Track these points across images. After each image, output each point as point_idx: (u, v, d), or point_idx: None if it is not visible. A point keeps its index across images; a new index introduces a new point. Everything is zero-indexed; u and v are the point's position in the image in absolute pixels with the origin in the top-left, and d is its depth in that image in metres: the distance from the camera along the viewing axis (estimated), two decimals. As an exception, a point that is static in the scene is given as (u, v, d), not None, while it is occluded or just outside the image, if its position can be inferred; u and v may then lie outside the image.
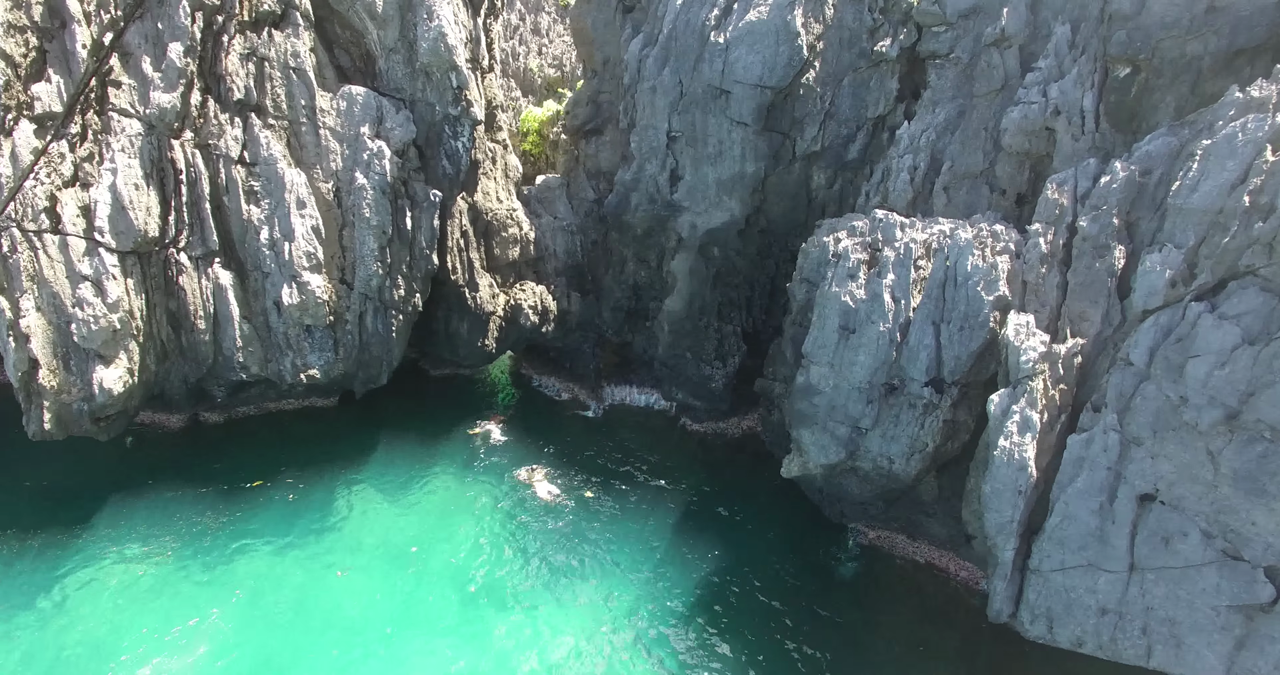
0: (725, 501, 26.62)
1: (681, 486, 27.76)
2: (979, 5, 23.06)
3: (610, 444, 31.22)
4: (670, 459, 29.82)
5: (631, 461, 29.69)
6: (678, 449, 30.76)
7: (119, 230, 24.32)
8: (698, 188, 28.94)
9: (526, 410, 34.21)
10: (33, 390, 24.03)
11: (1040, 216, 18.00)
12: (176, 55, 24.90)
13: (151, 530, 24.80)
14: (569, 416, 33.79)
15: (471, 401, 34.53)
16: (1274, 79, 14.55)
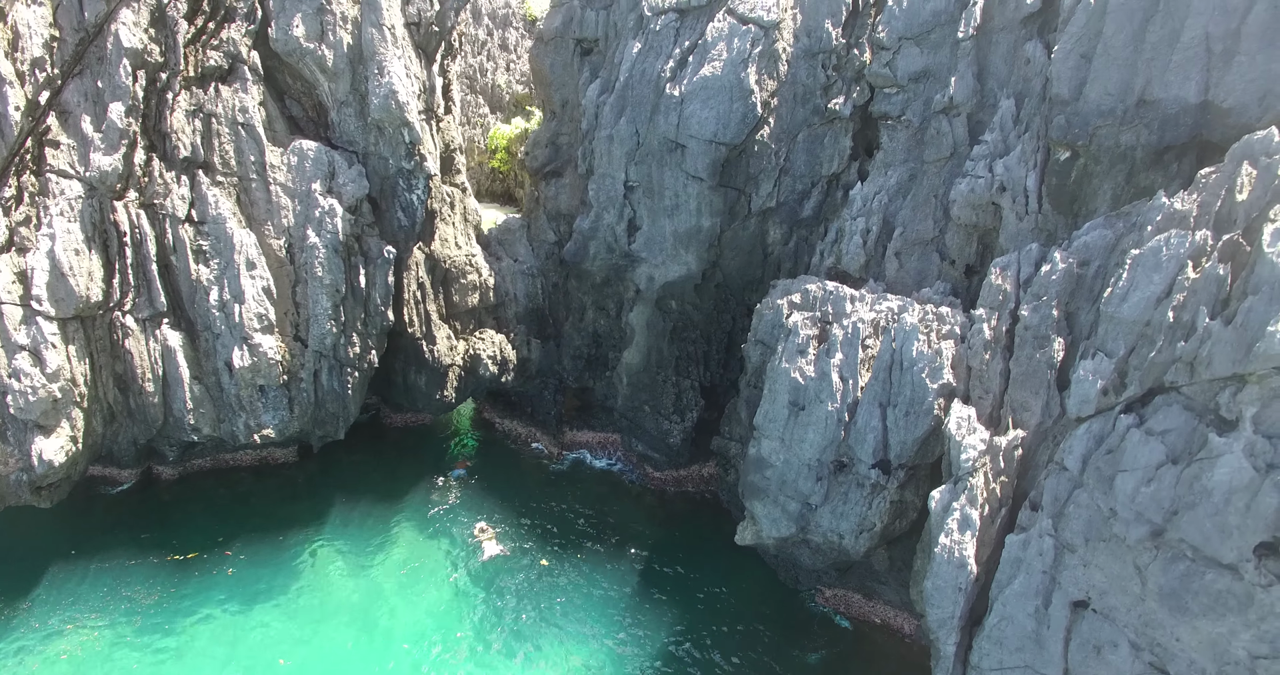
0: (684, 562, 26.48)
1: (640, 545, 27.59)
2: (929, 69, 23.04)
3: (571, 495, 31.01)
4: (630, 514, 29.64)
5: (591, 516, 29.50)
6: (638, 502, 30.58)
7: (58, 297, 23.73)
8: (655, 239, 28.77)
9: (489, 458, 33.92)
10: (-30, 463, 23.46)
11: (984, 301, 18.00)
12: (118, 116, 24.32)
13: (80, 607, 23.89)
14: (531, 463, 33.55)
15: (433, 449, 34.18)
16: (1195, 188, 14.60)
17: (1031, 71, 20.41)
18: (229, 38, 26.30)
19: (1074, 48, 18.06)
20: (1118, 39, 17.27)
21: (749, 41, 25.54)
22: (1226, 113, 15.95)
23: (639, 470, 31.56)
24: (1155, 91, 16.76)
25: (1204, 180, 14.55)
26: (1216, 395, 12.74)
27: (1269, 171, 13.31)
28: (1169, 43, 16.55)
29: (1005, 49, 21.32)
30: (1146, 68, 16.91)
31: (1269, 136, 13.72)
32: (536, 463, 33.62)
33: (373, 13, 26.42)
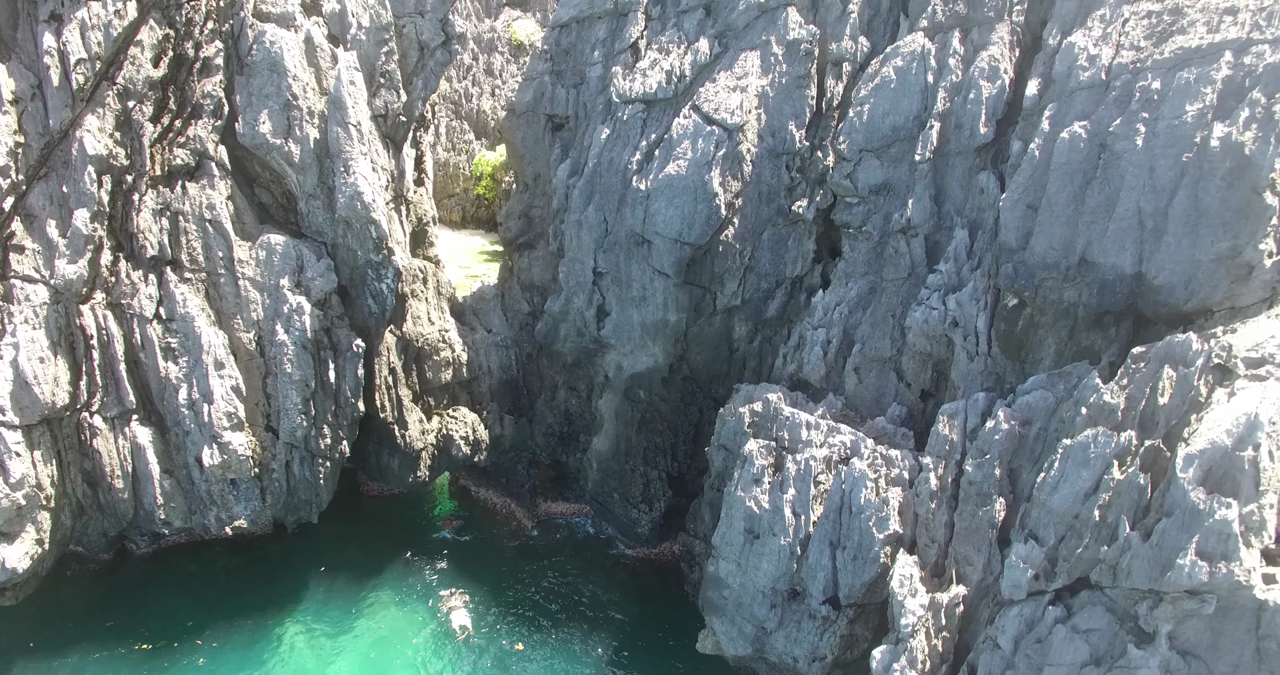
0: (653, 647, 26.71)
1: (611, 627, 27.83)
2: (888, 183, 23.23)
3: (544, 568, 31.28)
4: (602, 592, 29.92)
5: (563, 593, 29.76)
6: (610, 577, 30.84)
7: (23, 406, 23.85)
8: (624, 328, 28.97)
9: (465, 527, 34.21)
10: (-66, 575, 23.63)
11: (932, 449, 18.28)
12: (82, 222, 24.39)
13: None
14: (506, 533, 33.83)
15: (409, 518, 34.46)
16: (1126, 374, 14.85)
17: (985, 202, 20.61)
18: (195, 135, 26.33)
19: (1020, 198, 18.27)
20: (1060, 197, 17.48)
21: (713, 143, 25.67)
22: (1158, 289, 16.19)
23: (611, 546, 31.86)
24: (1095, 255, 16.99)
25: (1134, 367, 14.81)
26: (1136, 604, 13.05)
27: (1186, 381, 13.58)
28: (1106, 210, 16.76)
29: (961, 173, 21.51)
30: (1087, 230, 17.14)
31: (1187, 342, 13.97)
32: (511, 533, 33.89)
33: (339, 111, 26.46)
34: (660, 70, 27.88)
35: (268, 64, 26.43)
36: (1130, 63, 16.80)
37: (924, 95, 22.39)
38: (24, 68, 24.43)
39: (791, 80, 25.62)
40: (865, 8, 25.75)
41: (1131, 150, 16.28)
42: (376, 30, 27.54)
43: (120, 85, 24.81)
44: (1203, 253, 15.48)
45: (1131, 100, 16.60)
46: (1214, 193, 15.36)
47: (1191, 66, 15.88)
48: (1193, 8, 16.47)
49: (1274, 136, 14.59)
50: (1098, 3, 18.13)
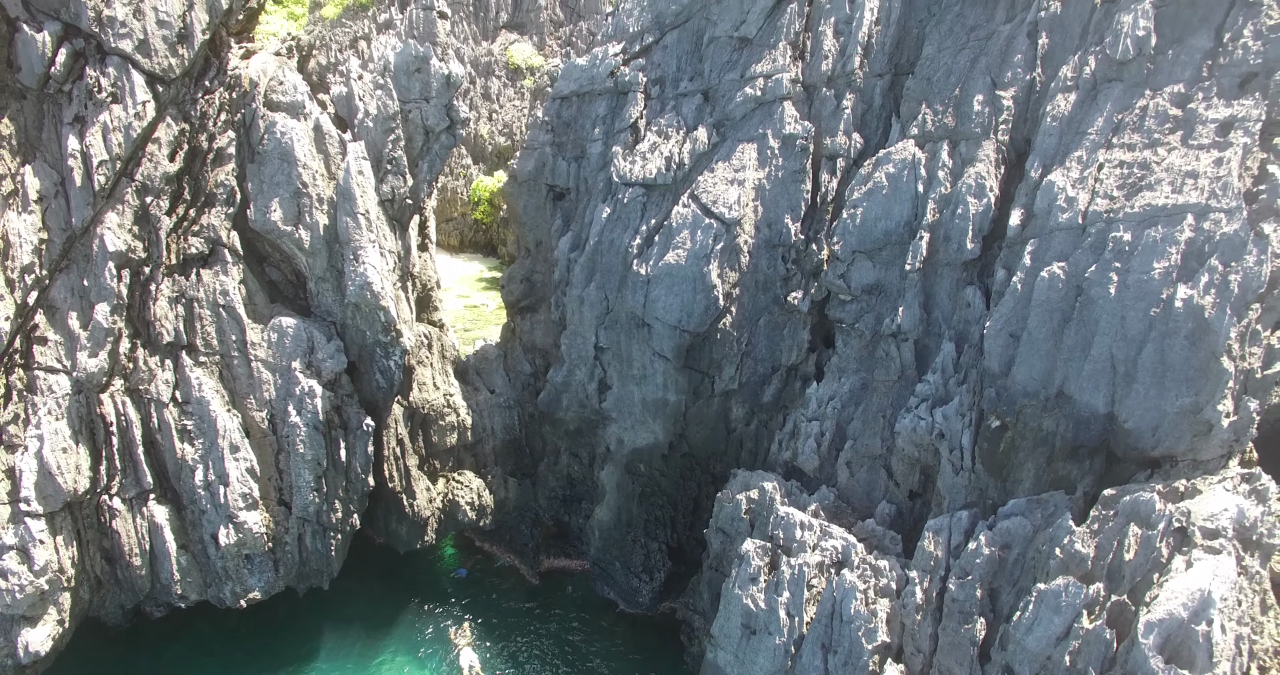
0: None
1: None
2: (880, 284, 24.21)
3: (547, 623, 32.30)
4: (605, 650, 30.87)
5: (567, 650, 30.68)
6: (610, 635, 31.88)
7: (47, 495, 24.77)
8: (625, 403, 29.94)
9: (470, 580, 35.26)
10: (-46, 659, 24.55)
11: (918, 564, 19.34)
12: (103, 316, 25.26)
13: None
14: (510, 587, 34.88)
15: (415, 569, 35.52)
16: (1097, 520, 15.88)
17: (971, 316, 21.61)
18: (209, 223, 27.20)
19: (1004, 327, 19.28)
20: (1040, 332, 18.50)
21: (711, 236, 26.61)
22: (1128, 432, 17.23)
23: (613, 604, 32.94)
24: (1072, 390, 18.02)
25: (1104, 514, 15.86)
26: (1104, 752, 14.17)
27: (1149, 543, 14.65)
28: (1083, 350, 17.78)
29: (949, 285, 22.50)
30: (1065, 366, 18.17)
31: (1151, 503, 15.02)
32: (514, 586, 34.97)
33: (348, 201, 27.34)
34: (660, 155, 28.79)
35: (278, 153, 27.28)
36: (1105, 211, 17.80)
37: (914, 203, 23.37)
38: (48, 167, 25.26)
39: (788, 174, 26.56)
40: (859, 103, 26.68)
41: (1105, 298, 17.30)
42: (384, 119, 28.39)
43: (139, 182, 25.67)
44: (1168, 405, 16.52)
45: (1105, 249, 17.60)
46: (1178, 350, 16.39)
47: (1159, 225, 16.87)
48: (1159, 165, 17.46)
49: (1229, 305, 15.61)
50: (1076, 143, 19.10)
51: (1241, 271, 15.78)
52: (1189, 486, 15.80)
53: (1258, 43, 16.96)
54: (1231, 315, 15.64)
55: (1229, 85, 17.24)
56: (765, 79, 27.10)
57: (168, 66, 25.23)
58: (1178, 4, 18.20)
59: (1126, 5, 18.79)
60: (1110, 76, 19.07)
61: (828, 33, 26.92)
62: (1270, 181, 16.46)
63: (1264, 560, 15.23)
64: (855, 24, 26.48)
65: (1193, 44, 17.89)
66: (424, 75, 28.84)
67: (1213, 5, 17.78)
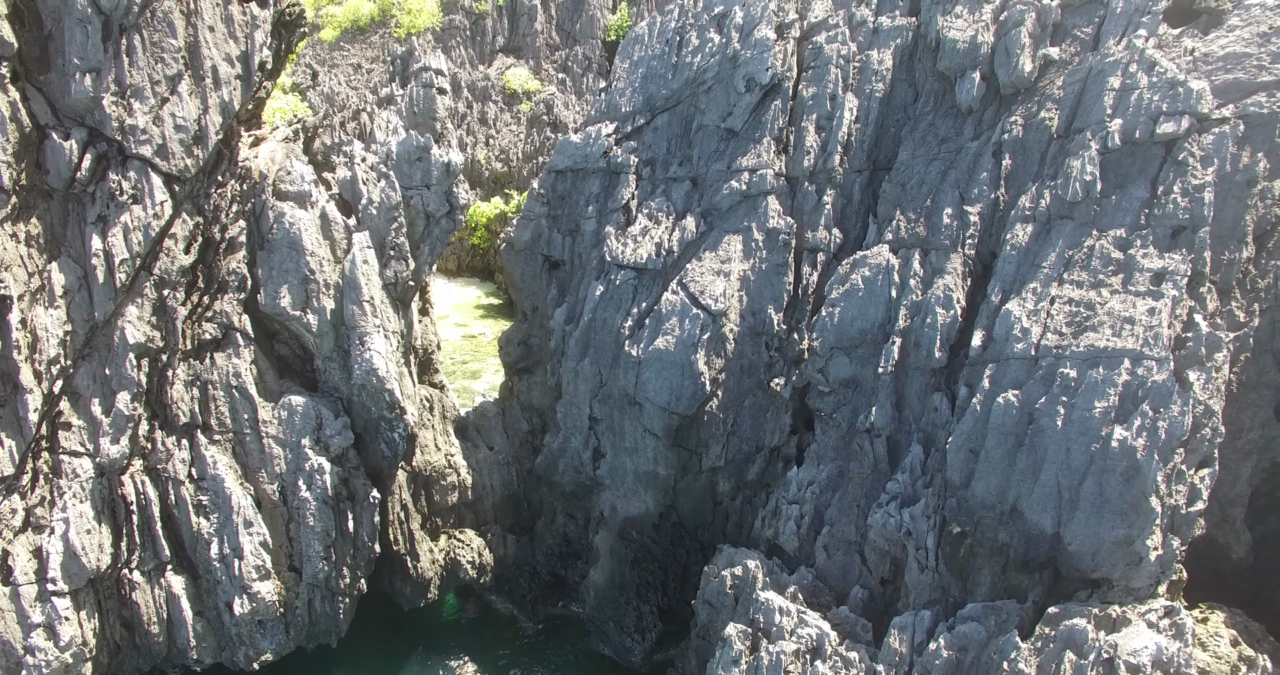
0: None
1: None
2: (856, 379, 25.84)
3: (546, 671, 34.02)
4: None
5: None
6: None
7: (71, 574, 26.33)
8: (618, 472, 31.58)
9: (470, 629, 36.92)
10: (-16, 725, 26.12)
11: (884, 658, 21.04)
12: (124, 404, 26.79)
13: None
14: (508, 634, 36.50)
15: (419, 624, 37.13)
16: (1040, 639, 17.53)
17: (938, 420, 23.26)
18: (222, 309, 28.73)
19: (964, 443, 20.92)
20: (996, 452, 20.14)
21: (699, 327, 28.19)
22: (1071, 554, 18.90)
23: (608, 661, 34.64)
24: (1024, 509, 19.68)
25: (1046, 633, 17.52)
26: None
27: (1081, 672, 16.31)
28: (1034, 473, 19.43)
29: (919, 388, 24.13)
30: (1018, 486, 19.82)
31: (1084, 632, 16.69)
32: (513, 633, 36.62)
33: (354, 290, 28.86)
34: (650, 241, 30.34)
35: (287, 242, 28.79)
36: (1054, 347, 19.43)
37: (888, 307, 24.97)
38: (72, 262, 26.71)
39: (771, 267, 28.13)
40: (839, 198, 28.25)
41: (1053, 429, 18.94)
42: (387, 209, 29.87)
43: (157, 275, 27.17)
44: (1105, 534, 18.18)
45: (1054, 383, 19.24)
46: (1114, 485, 18.03)
47: (1100, 366, 18.49)
48: (1101, 307, 19.08)
49: (1157, 451, 17.24)
50: (1031, 274, 20.72)
51: (1168, 420, 17.42)
52: (1120, 615, 17.48)
53: (1185, 199, 18.56)
54: (1159, 460, 17.29)
55: (1162, 235, 18.84)
56: (750, 173, 28.64)
57: (184, 168, 26.70)
58: (1120, 153, 19.79)
59: (1076, 150, 20.39)
60: (1062, 214, 20.67)
61: (810, 128, 28.45)
62: (1195, 331, 18.08)
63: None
64: (836, 122, 28.02)
65: (1133, 192, 19.50)
66: (425, 164, 30.32)
67: (1149, 158, 19.37)
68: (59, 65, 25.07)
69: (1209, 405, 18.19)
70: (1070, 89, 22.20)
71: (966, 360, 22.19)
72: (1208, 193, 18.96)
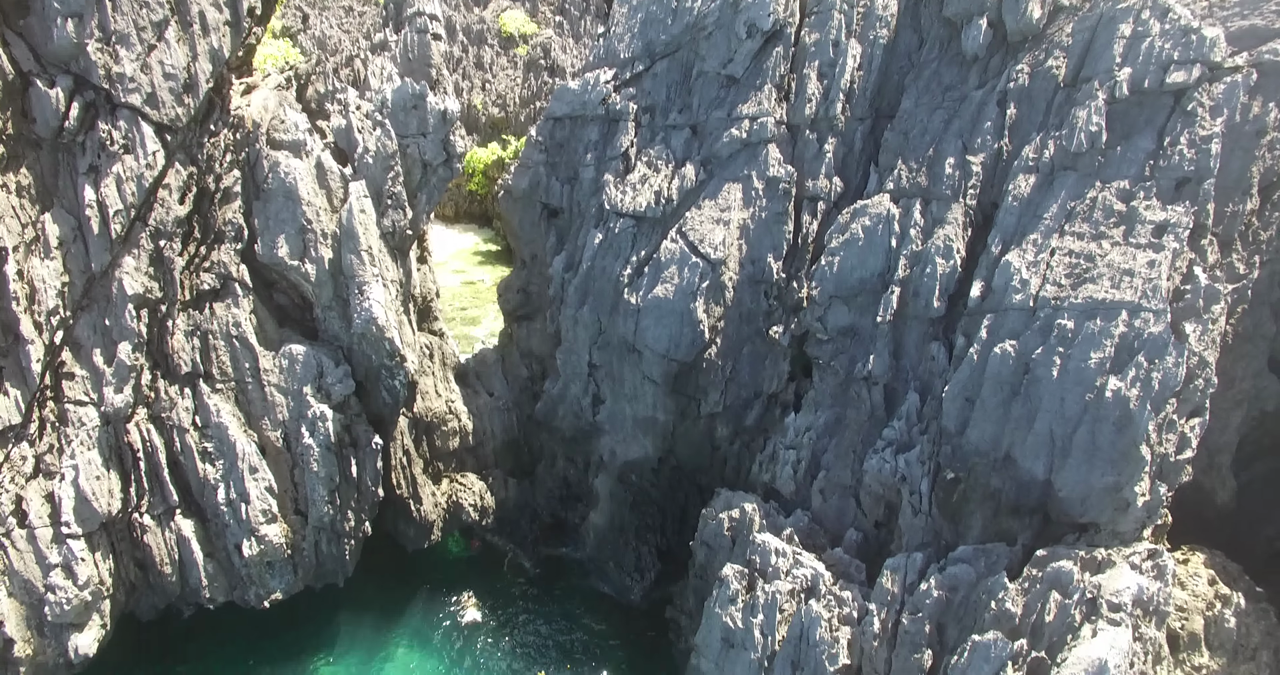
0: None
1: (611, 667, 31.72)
2: (855, 327, 26.12)
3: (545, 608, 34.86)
4: (602, 632, 33.36)
5: (567, 630, 33.23)
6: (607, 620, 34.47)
7: (84, 518, 26.89)
8: (617, 418, 32.08)
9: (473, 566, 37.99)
10: (9, 660, 26.98)
11: (876, 598, 21.88)
12: (126, 355, 26.93)
13: None
14: (510, 573, 37.54)
15: (423, 565, 38.17)
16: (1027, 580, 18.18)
17: (935, 369, 23.61)
18: (219, 260, 28.63)
19: (960, 392, 21.29)
20: (992, 401, 20.52)
21: (698, 275, 28.25)
22: (1061, 500, 19.45)
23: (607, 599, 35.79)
24: (1017, 456, 20.17)
25: (1034, 574, 18.20)
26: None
27: (1065, 610, 17.02)
28: (1027, 423, 19.84)
29: (917, 337, 24.40)
30: (1012, 434, 20.26)
31: (1070, 574, 17.33)
32: (514, 573, 37.75)
33: (351, 240, 28.72)
34: (650, 189, 30.14)
35: (283, 192, 28.51)
36: (1053, 298, 19.61)
37: (887, 257, 25.05)
38: (66, 213, 26.46)
39: (771, 216, 28.06)
40: (840, 146, 27.99)
41: (1048, 379, 19.29)
42: (383, 158, 29.48)
43: (152, 226, 26.96)
44: (1095, 481, 18.70)
45: (1051, 334, 19.48)
46: (1106, 435, 18.47)
47: (1098, 318, 18.71)
48: (1102, 259, 19.18)
49: (1150, 401, 17.61)
50: (1032, 225, 20.75)
51: (1162, 370, 17.77)
52: (1105, 557, 18.16)
53: (1191, 150, 18.50)
54: (1151, 410, 17.70)
55: (1166, 187, 18.85)
56: (751, 121, 28.28)
57: (175, 117, 26.22)
58: (1127, 103, 19.61)
59: (1082, 100, 20.20)
60: (1066, 165, 20.60)
61: (811, 76, 27.98)
62: (1194, 283, 18.27)
63: (1159, 624, 17.75)
64: (838, 69, 27.55)
65: (1138, 143, 19.41)
66: (420, 112, 29.81)
67: (1157, 108, 19.22)
68: (39, 9, 24.34)
69: (1203, 356, 18.55)
70: (1079, 36, 21.83)
71: (965, 310, 22.40)
72: (1215, 144, 18.91)
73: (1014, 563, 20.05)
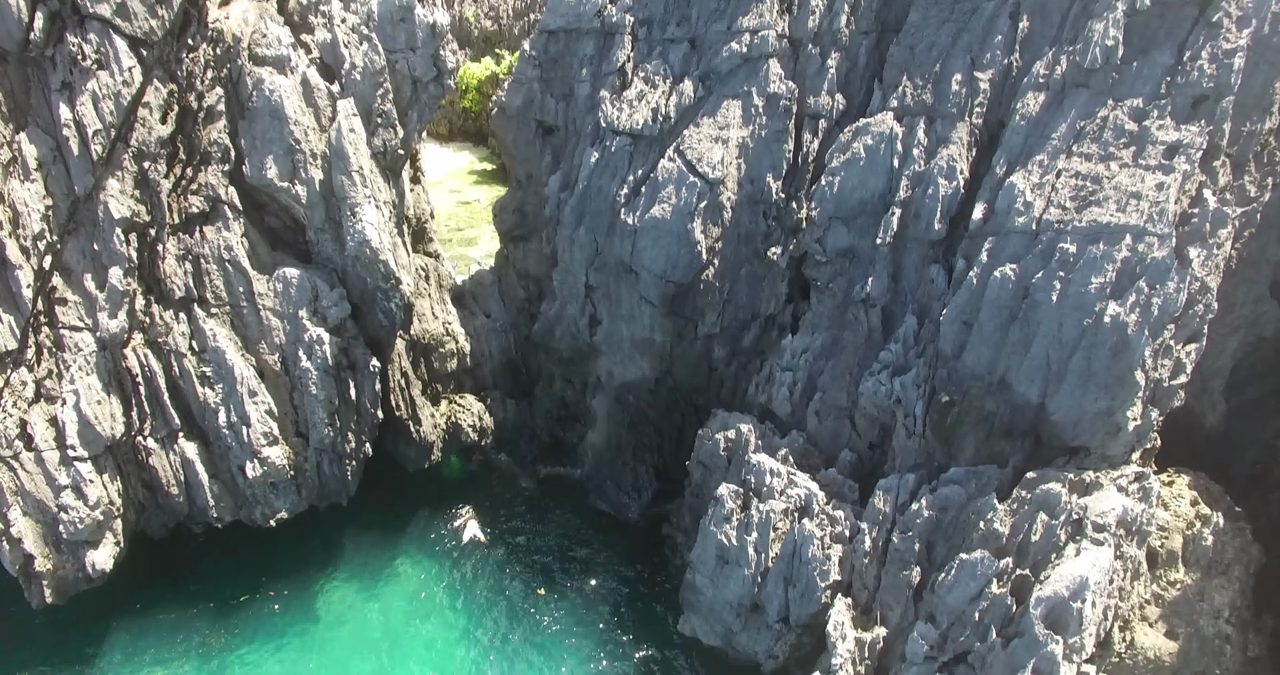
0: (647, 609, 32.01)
1: (609, 585, 32.70)
2: (854, 249, 25.83)
3: (546, 524, 35.95)
4: (599, 549, 34.48)
5: (565, 547, 34.35)
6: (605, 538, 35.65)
7: (88, 440, 27.28)
8: (614, 338, 32.14)
9: (473, 483, 38.86)
10: (31, 574, 27.95)
11: (868, 517, 22.44)
12: (118, 280, 26.69)
13: (162, 653, 29.87)
14: (509, 491, 38.44)
15: (424, 483, 39.02)
16: (1016, 501, 18.54)
17: (934, 291, 23.44)
18: (206, 182, 28.01)
19: (958, 315, 21.15)
20: (989, 325, 20.41)
21: (696, 195, 27.71)
22: (1054, 424, 19.58)
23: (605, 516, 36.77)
24: (1012, 380, 20.22)
25: (1022, 495, 18.54)
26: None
27: (1051, 530, 17.39)
28: (1023, 347, 19.78)
29: (917, 259, 24.12)
30: (1008, 358, 20.24)
31: (1058, 495, 17.61)
32: (514, 491, 38.69)
33: (341, 160, 27.98)
34: (647, 106, 29.19)
35: (268, 110, 27.60)
36: (1056, 221, 19.21)
37: (889, 177, 24.49)
38: (42, 132, 25.69)
39: (770, 134, 27.27)
40: (843, 62, 26.94)
41: (1047, 304, 19.12)
42: (371, 74, 28.37)
43: (134, 147, 26.21)
44: (1089, 405, 18.80)
45: (1053, 258, 19.19)
46: (1102, 360, 18.43)
47: (1101, 242, 18.37)
48: (1110, 181, 18.67)
49: (1148, 327, 17.48)
50: (1039, 146, 20.12)
51: (1163, 296, 17.59)
52: (1094, 479, 18.49)
53: (1212, 66, 17.73)
54: (1149, 336, 17.63)
55: (1182, 105, 18.18)
56: (751, 35, 27.10)
57: (149, 30, 25.08)
58: (1147, 14, 18.68)
59: (1100, 12, 19.23)
60: (1078, 82, 19.81)
61: (816, -16, 26.64)
62: (1202, 206, 17.87)
63: (1140, 543, 18.23)
64: (844, -23, 26.20)
65: (1156, 59, 18.59)
66: (409, 25, 28.50)
67: (1179, 20, 18.31)
68: (-4, -89, 22.89)
69: (1205, 281, 18.37)
70: (1099, -60, 20.62)
71: (966, 233, 22.06)
72: (1238, 58, 18.11)
73: (1004, 484, 20.47)
